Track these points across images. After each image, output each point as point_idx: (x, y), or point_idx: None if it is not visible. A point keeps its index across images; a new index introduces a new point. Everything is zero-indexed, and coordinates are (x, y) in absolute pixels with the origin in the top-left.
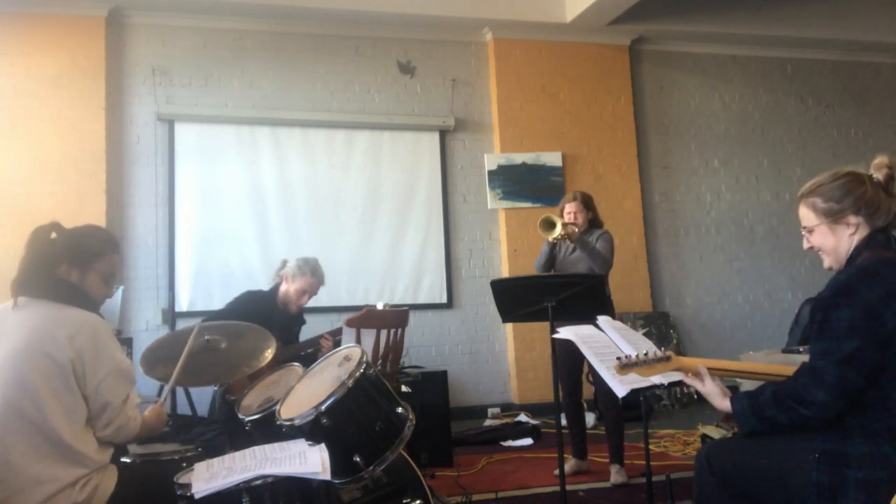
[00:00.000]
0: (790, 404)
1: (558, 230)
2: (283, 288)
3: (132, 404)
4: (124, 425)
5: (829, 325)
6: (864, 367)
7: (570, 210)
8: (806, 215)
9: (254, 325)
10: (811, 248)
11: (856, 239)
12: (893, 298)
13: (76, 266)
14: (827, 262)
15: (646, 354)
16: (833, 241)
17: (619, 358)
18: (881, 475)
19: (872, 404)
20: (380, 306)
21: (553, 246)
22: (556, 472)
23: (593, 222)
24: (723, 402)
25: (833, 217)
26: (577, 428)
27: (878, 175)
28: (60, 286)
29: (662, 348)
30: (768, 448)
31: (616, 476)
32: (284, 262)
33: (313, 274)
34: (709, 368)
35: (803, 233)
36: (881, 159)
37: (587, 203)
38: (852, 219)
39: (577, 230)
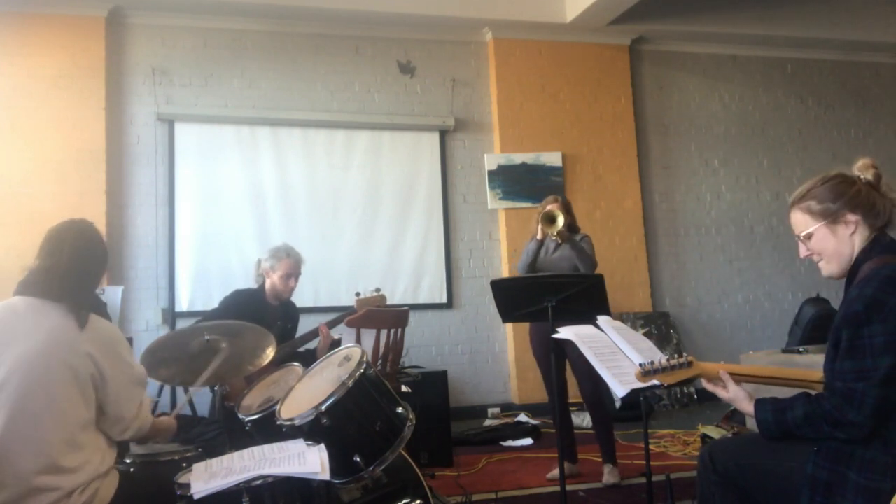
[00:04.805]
0: (825, 428)
1: (560, 223)
2: (268, 284)
3: (145, 407)
4: (141, 427)
5: (861, 343)
6: None
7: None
8: (801, 221)
9: (253, 325)
10: (809, 255)
11: (857, 240)
12: None
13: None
14: (826, 269)
15: (668, 360)
16: (834, 243)
17: (641, 364)
18: (886, 485)
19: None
20: (364, 294)
21: (540, 245)
22: (549, 475)
23: (571, 227)
24: (749, 407)
25: (831, 217)
26: (563, 430)
27: (866, 175)
28: (94, 298)
29: (684, 354)
30: (772, 447)
31: (608, 476)
32: (259, 261)
33: (289, 255)
34: (730, 374)
35: (799, 241)
36: (864, 161)
37: (567, 207)
38: (851, 216)
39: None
